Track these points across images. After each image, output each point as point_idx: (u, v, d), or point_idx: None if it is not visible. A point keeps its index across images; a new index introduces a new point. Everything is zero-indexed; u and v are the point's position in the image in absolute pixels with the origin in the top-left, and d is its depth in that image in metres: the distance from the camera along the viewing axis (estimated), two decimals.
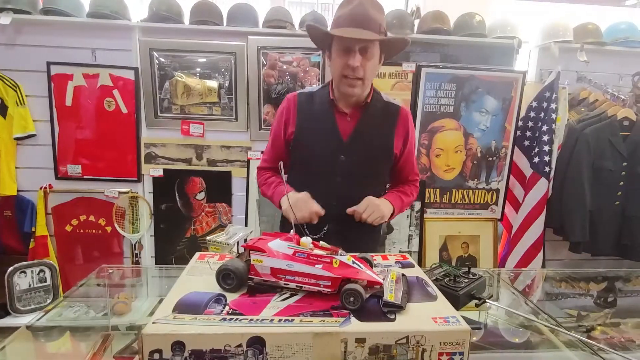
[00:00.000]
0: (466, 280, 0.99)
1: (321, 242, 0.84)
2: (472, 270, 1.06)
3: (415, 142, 1.41)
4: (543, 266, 2.39)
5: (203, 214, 2.43)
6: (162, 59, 2.24)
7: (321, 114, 1.26)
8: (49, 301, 2.27)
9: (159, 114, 2.31)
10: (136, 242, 2.36)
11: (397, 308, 0.72)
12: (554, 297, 1.48)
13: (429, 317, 0.70)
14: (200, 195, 2.40)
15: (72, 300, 1.16)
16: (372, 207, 1.20)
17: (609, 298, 1.55)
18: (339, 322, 0.67)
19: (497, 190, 2.48)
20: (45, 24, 2.16)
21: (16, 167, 2.29)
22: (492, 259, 2.50)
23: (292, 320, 0.67)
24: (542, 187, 2.30)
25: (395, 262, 0.98)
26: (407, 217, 2.43)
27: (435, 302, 0.77)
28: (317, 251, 0.78)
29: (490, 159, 2.44)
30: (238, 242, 0.89)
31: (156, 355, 0.61)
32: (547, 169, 2.28)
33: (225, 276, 0.77)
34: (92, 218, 2.37)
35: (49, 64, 2.19)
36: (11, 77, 2.19)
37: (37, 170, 2.30)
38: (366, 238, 1.33)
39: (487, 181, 2.47)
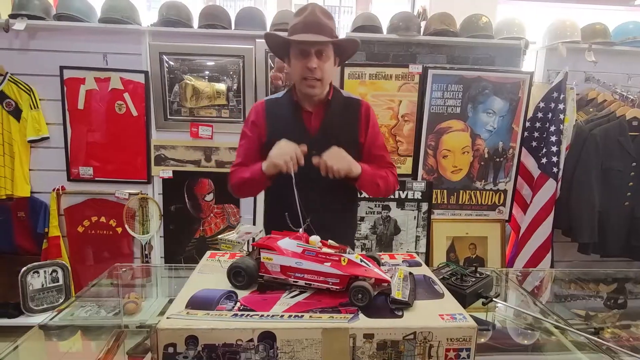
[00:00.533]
0: (473, 279, 1.00)
1: (329, 241, 0.86)
2: (479, 269, 1.07)
3: (379, 132, 1.47)
4: (551, 267, 2.37)
5: (212, 215, 2.46)
6: (172, 63, 2.28)
7: (288, 115, 1.35)
8: (61, 301, 2.32)
9: (169, 117, 2.34)
10: (146, 243, 2.40)
11: (405, 305, 0.73)
12: (563, 299, 1.47)
13: (436, 314, 0.71)
14: (209, 197, 2.43)
15: (83, 300, 1.19)
16: (336, 154, 1.22)
17: (619, 300, 1.54)
18: (347, 318, 0.68)
19: (505, 192, 2.47)
20: (58, 29, 2.21)
21: (30, 169, 2.34)
22: (500, 260, 2.49)
23: (302, 316, 0.68)
24: (550, 188, 2.29)
25: (402, 261, 1.00)
26: (415, 218, 2.44)
27: (442, 300, 0.78)
28: (325, 249, 0.80)
29: (498, 160, 2.44)
30: (248, 241, 0.91)
31: (170, 349, 0.63)
32: (555, 169, 2.28)
33: (236, 273, 0.79)
34: (103, 219, 2.41)
35: (62, 68, 2.24)
36: (25, 82, 2.25)
37: (50, 172, 2.35)
38: (344, 223, 1.45)
39: (494, 182, 2.46)
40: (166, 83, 2.30)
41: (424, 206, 2.43)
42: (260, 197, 2.42)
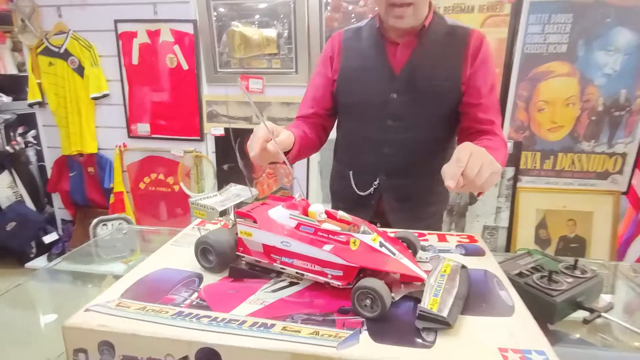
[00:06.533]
0: (569, 280, 0.66)
1: (340, 213, 0.59)
2: (581, 262, 0.71)
3: (495, 77, 1.02)
4: None
5: (264, 175, 2.32)
6: (221, 9, 2.09)
7: (369, 48, 1.01)
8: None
9: (219, 70, 2.20)
10: None
11: (441, 324, 0.45)
12: None
13: (495, 346, 0.42)
14: None
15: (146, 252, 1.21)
16: (479, 157, 0.66)
17: None
18: (339, 339, 0.43)
19: (624, 155, 1.91)
20: None
21: (96, 126, 2.40)
22: (609, 243, 1.97)
23: (271, 326, 0.45)
24: None
25: (456, 246, 0.69)
26: (496, 185, 2.01)
27: (509, 318, 0.48)
28: (327, 225, 0.54)
29: (617, 113, 1.86)
30: (233, 207, 0.69)
31: (81, 356, 0.44)
32: None
33: (204, 251, 0.58)
34: (161, 176, 2.42)
35: (116, 22, 2.20)
36: (86, 38, 2.25)
37: (112, 129, 2.39)
38: (428, 194, 1.03)
39: (609, 143, 1.91)
40: (214, 32, 2.13)
41: (509, 171, 1.99)
42: (314, 158, 2.20)
